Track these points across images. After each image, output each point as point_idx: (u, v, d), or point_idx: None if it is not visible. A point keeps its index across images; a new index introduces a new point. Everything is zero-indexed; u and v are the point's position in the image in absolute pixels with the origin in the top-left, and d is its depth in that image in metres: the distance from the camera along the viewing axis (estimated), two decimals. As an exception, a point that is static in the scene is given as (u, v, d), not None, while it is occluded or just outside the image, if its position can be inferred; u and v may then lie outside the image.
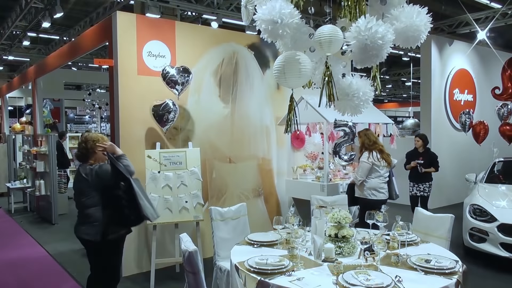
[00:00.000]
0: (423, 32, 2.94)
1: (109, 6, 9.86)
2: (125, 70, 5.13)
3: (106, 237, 3.35)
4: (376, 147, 5.20)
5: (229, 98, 6.07)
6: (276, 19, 2.83)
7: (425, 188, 6.79)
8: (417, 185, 6.84)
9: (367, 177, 5.18)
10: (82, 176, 3.40)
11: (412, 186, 6.91)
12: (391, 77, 21.15)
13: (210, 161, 5.87)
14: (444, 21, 11.30)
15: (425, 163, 6.74)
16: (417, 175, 6.80)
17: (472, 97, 10.39)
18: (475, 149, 9.06)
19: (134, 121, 5.19)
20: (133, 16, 5.36)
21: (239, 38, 6.26)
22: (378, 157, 5.13)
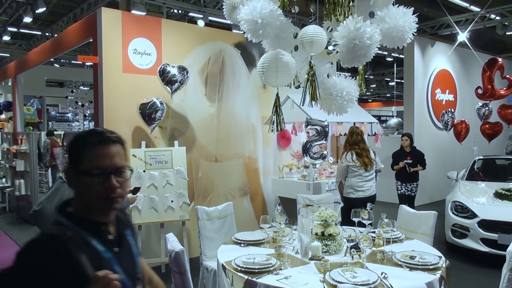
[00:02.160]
0: (408, 32, 3.00)
1: (93, 2, 9.71)
2: (110, 68, 5.08)
3: None
4: (353, 148, 5.17)
5: (216, 97, 6.06)
6: (256, 19, 2.86)
7: (412, 188, 6.74)
8: (405, 184, 6.76)
9: (346, 177, 5.21)
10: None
11: (400, 185, 6.82)
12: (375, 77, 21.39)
13: (196, 160, 5.86)
14: (427, 22, 11.49)
15: (413, 162, 6.67)
16: (405, 175, 6.71)
17: (453, 97, 10.60)
18: (457, 147, 9.25)
19: (118, 119, 5.13)
20: (118, 13, 5.30)
21: (226, 37, 6.25)
22: (353, 159, 5.12)
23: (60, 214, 1.29)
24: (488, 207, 5.49)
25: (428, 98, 9.88)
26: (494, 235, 5.16)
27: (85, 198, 1.30)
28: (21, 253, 1.13)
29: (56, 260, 1.12)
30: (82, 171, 1.27)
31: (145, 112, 5.00)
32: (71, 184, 1.33)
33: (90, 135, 1.34)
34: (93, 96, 5.41)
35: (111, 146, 1.34)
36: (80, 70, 16.71)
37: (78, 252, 1.15)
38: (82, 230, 1.25)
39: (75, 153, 1.31)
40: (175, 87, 5.10)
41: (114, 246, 1.32)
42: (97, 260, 1.20)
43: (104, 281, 1.09)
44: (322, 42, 3.00)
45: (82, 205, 1.31)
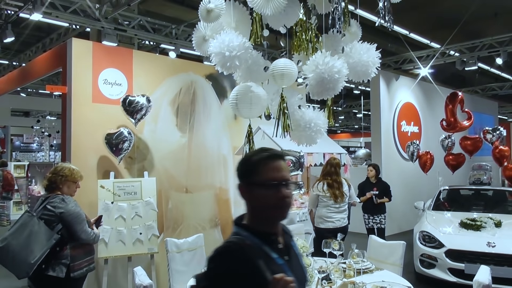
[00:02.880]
0: (371, 67, 3.14)
1: (63, 32, 9.66)
2: (79, 97, 5.01)
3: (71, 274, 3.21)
4: (326, 178, 5.22)
5: (187, 128, 6.05)
6: (224, 51, 2.93)
7: (381, 220, 6.65)
8: (372, 217, 6.66)
9: (317, 206, 5.24)
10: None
11: (367, 218, 6.71)
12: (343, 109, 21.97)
13: (166, 191, 5.77)
14: (391, 57, 12.03)
15: (379, 193, 6.59)
16: (372, 207, 6.62)
17: (417, 129, 11.00)
18: (422, 177, 9.52)
19: (87, 150, 5.03)
20: (89, 44, 5.30)
21: (197, 68, 6.32)
22: (323, 189, 5.16)
23: (237, 226, 1.50)
24: (454, 236, 5.63)
25: (394, 129, 10.21)
26: (461, 264, 5.26)
27: (257, 209, 1.48)
28: (211, 261, 1.36)
29: (240, 266, 1.34)
30: (257, 183, 1.45)
31: (112, 142, 4.91)
32: (244, 197, 1.52)
33: (260, 152, 1.52)
34: (61, 126, 5.30)
35: (280, 160, 1.50)
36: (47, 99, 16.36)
37: (257, 258, 1.35)
38: (257, 240, 1.43)
39: (248, 169, 1.50)
40: (139, 117, 5.06)
41: (284, 255, 1.47)
42: (272, 265, 1.38)
43: (281, 283, 1.25)
44: (293, 75, 3.09)
45: (255, 217, 1.49)
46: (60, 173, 3.39)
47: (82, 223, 3.33)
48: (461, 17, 8.64)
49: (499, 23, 9.67)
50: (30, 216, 3.21)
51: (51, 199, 3.28)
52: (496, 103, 15.86)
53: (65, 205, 3.27)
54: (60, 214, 3.22)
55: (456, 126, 8.54)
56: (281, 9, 2.89)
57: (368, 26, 5.92)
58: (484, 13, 9.14)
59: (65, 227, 3.24)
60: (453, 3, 8.87)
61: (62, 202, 3.27)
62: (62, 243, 3.21)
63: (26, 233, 3.13)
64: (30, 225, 3.14)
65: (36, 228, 3.13)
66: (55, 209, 3.23)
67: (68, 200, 3.32)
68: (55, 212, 3.22)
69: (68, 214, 3.25)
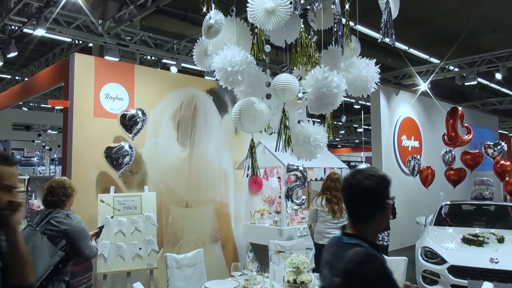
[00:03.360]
0: (370, 82, 3.16)
1: (66, 47, 9.76)
2: (80, 112, 5.04)
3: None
4: (325, 193, 5.18)
5: (187, 142, 6.07)
6: (226, 66, 2.96)
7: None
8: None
9: (316, 221, 5.19)
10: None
11: None
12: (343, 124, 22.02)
13: (166, 206, 5.75)
14: (391, 72, 12.10)
15: None
16: None
17: (418, 143, 10.99)
18: (424, 192, 9.47)
19: (87, 164, 5.03)
20: (91, 58, 5.35)
21: (198, 83, 6.36)
22: (322, 204, 5.12)
23: (357, 238, 1.64)
24: (457, 252, 5.57)
25: (395, 144, 10.21)
26: (463, 281, 5.19)
27: (380, 225, 1.71)
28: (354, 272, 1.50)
29: (385, 267, 1.55)
30: (389, 202, 1.69)
31: (111, 156, 4.91)
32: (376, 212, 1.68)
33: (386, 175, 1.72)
34: (62, 140, 5.31)
35: None
36: (49, 113, 16.45)
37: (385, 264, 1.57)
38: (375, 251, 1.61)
39: (387, 189, 1.70)
40: (135, 131, 5.07)
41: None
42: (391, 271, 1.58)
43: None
44: (294, 89, 3.11)
45: (373, 231, 1.70)
46: (64, 186, 3.36)
47: (86, 239, 3.30)
48: (460, 33, 8.73)
49: (498, 39, 9.76)
50: (32, 230, 3.14)
51: (55, 214, 3.23)
52: (496, 117, 15.89)
53: (70, 221, 3.23)
54: (65, 230, 3.17)
55: (457, 140, 8.54)
56: (282, 24, 2.92)
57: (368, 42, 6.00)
58: (482, 29, 9.23)
59: (69, 243, 3.19)
60: (452, 19, 8.96)
61: (67, 218, 3.22)
62: (65, 259, 3.17)
63: (30, 247, 3.08)
64: (33, 239, 3.06)
65: (39, 243, 3.06)
66: (60, 224, 3.18)
67: (73, 216, 3.29)
68: (60, 228, 3.17)
69: (73, 231, 3.21)
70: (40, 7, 6.82)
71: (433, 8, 8.60)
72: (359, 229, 1.67)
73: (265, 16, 2.91)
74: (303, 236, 5.74)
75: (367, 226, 1.67)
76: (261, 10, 2.92)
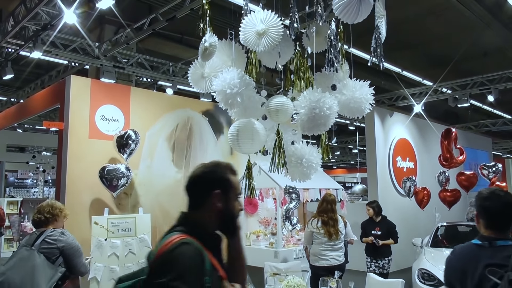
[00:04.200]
0: (364, 103, 3.19)
1: (62, 69, 9.82)
2: (75, 133, 5.04)
3: None
4: (321, 215, 5.12)
5: (183, 163, 6.05)
6: (225, 89, 3.00)
7: (384, 265, 6.00)
8: (375, 260, 6.00)
9: (312, 243, 5.13)
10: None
11: (369, 262, 6.07)
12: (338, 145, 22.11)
13: (161, 228, 5.68)
14: (385, 94, 12.25)
15: (383, 234, 5.98)
16: (374, 249, 5.96)
17: (413, 164, 11.02)
18: (420, 213, 9.45)
19: (82, 186, 5.00)
20: (87, 81, 5.38)
21: (194, 105, 6.40)
22: (318, 226, 5.05)
23: None
24: (453, 274, 5.52)
25: (390, 165, 10.23)
26: (461, 302, 5.14)
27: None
28: None
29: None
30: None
31: (106, 177, 4.88)
32: None
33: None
34: (56, 162, 5.29)
35: None
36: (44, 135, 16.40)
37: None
38: None
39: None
40: (128, 151, 5.07)
41: None
42: None
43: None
44: (287, 111, 3.14)
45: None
46: (52, 206, 3.38)
47: (81, 256, 3.31)
48: (452, 56, 8.89)
49: (489, 62, 9.95)
50: (28, 250, 3.12)
51: (49, 233, 3.23)
52: (490, 139, 16.02)
53: (66, 238, 3.24)
54: (62, 247, 3.18)
55: (452, 162, 8.58)
56: (273, 46, 2.97)
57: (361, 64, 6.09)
58: (474, 52, 9.42)
59: (65, 260, 3.19)
60: (444, 43, 9.15)
61: (62, 235, 3.23)
62: (64, 276, 3.16)
63: (28, 267, 3.03)
64: (32, 259, 3.06)
65: (38, 262, 3.05)
66: (57, 242, 3.18)
67: (67, 233, 3.30)
68: (57, 245, 3.17)
69: (70, 247, 3.21)
70: (37, 30, 6.89)
71: (425, 32, 8.79)
72: None
73: (256, 38, 2.96)
74: (299, 258, 5.68)
75: None
76: (252, 33, 2.98)
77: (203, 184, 1.69)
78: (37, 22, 6.72)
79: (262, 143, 3.35)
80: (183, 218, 1.69)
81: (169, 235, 1.56)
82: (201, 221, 1.63)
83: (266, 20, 2.95)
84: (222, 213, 1.63)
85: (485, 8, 7.30)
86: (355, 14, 2.67)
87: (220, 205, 1.63)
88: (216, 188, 1.64)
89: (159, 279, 1.40)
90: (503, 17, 7.86)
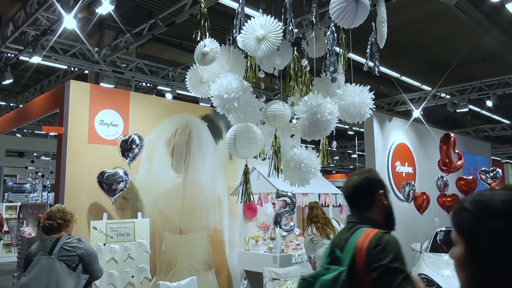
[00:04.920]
0: (364, 108, 3.20)
1: (62, 74, 9.83)
2: (74, 138, 5.04)
3: None
4: (314, 221, 5.15)
5: (182, 168, 6.05)
6: (223, 94, 3.01)
7: None
8: None
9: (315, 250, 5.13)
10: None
11: None
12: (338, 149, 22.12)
13: (160, 232, 5.68)
14: (383, 99, 12.28)
15: None
16: None
17: (412, 169, 11.02)
18: (419, 218, 9.44)
19: (81, 190, 4.99)
20: (87, 85, 5.39)
21: (193, 109, 6.41)
22: (313, 231, 5.09)
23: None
24: (453, 280, 5.49)
25: (389, 170, 10.23)
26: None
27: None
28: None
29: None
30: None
31: (105, 182, 4.87)
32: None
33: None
34: (55, 167, 5.29)
35: None
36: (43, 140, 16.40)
37: None
38: None
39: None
40: (132, 156, 5.07)
41: None
42: None
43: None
44: (285, 116, 3.15)
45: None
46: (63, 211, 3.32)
47: (98, 262, 3.30)
48: (451, 61, 8.92)
49: (488, 67, 9.98)
50: (48, 259, 3.06)
51: (66, 240, 3.17)
52: (488, 144, 16.03)
53: (84, 244, 3.21)
54: (81, 254, 3.14)
55: (451, 166, 8.59)
56: (272, 51, 2.98)
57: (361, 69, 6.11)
58: (473, 57, 9.46)
59: (84, 266, 3.16)
60: (443, 48, 9.18)
61: (80, 242, 3.20)
62: (87, 283, 3.16)
63: (52, 276, 2.98)
64: (54, 268, 3.01)
65: (61, 270, 3.02)
66: (76, 249, 3.14)
67: (83, 239, 3.27)
68: (76, 252, 3.13)
69: (88, 254, 3.19)
70: (37, 35, 6.91)
71: (424, 37, 8.83)
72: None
73: (255, 44, 2.98)
74: (299, 263, 5.66)
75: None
76: (252, 38, 2.99)
77: (370, 188, 1.95)
78: (37, 27, 6.74)
79: (259, 148, 3.35)
80: (361, 218, 1.89)
81: (359, 231, 1.77)
82: (376, 219, 1.88)
83: (265, 26, 2.97)
84: (387, 209, 1.96)
85: (483, 14, 7.34)
86: (352, 19, 2.69)
87: (386, 202, 1.96)
88: (379, 189, 1.95)
89: (377, 263, 1.61)
90: (501, 22, 7.90)
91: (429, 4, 7.08)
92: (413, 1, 6.84)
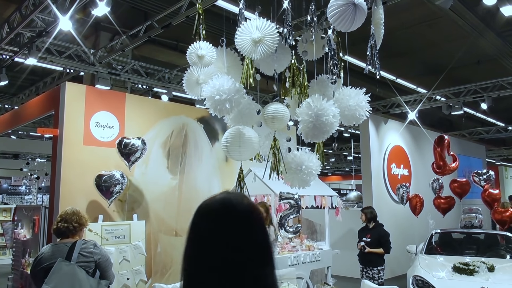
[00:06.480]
0: (359, 111, 3.22)
1: (57, 76, 9.79)
2: (70, 140, 5.02)
3: None
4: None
5: (177, 170, 6.04)
6: (215, 95, 3.01)
7: (374, 275, 5.80)
8: (365, 269, 5.90)
9: None
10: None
11: (361, 270, 6.00)
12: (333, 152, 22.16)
13: (156, 234, 5.66)
14: (379, 102, 12.32)
15: (372, 241, 5.85)
16: (363, 257, 5.89)
17: (407, 171, 11.07)
18: (414, 220, 9.47)
19: (76, 192, 4.97)
20: (82, 87, 5.38)
21: (189, 111, 6.41)
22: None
23: None
24: (448, 281, 5.53)
25: (385, 172, 10.26)
26: (455, 310, 5.15)
27: None
28: None
29: None
30: None
31: (102, 185, 4.86)
32: None
33: None
34: (51, 168, 5.26)
35: None
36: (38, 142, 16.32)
37: None
38: None
39: None
40: (133, 159, 5.06)
41: None
42: None
43: None
44: (283, 118, 3.15)
45: None
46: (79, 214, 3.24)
47: (112, 267, 3.26)
48: (446, 64, 8.97)
49: (482, 70, 10.04)
50: (68, 264, 2.99)
51: (82, 245, 3.11)
52: (483, 146, 16.13)
53: (100, 250, 3.17)
54: (99, 260, 3.10)
55: (445, 169, 8.63)
56: (269, 54, 2.99)
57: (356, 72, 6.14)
58: (468, 60, 9.51)
59: (101, 272, 3.12)
60: (438, 51, 9.24)
61: (96, 248, 3.15)
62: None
63: (75, 283, 2.93)
64: (76, 274, 2.96)
65: (82, 276, 2.97)
66: (93, 255, 3.09)
67: (98, 244, 3.22)
68: (94, 258, 3.09)
69: (105, 259, 3.16)
70: (32, 37, 6.88)
71: (419, 40, 8.87)
72: None
73: (252, 46, 2.98)
74: (294, 265, 5.66)
75: None
76: (248, 41, 3.00)
77: None
78: (32, 28, 6.72)
79: (254, 151, 3.35)
80: None
81: None
82: None
83: (261, 28, 2.97)
84: None
85: (478, 17, 7.39)
86: (350, 22, 2.70)
87: None
88: None
89: None
90: (495, 26, 7.95)
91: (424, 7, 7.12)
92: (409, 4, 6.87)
